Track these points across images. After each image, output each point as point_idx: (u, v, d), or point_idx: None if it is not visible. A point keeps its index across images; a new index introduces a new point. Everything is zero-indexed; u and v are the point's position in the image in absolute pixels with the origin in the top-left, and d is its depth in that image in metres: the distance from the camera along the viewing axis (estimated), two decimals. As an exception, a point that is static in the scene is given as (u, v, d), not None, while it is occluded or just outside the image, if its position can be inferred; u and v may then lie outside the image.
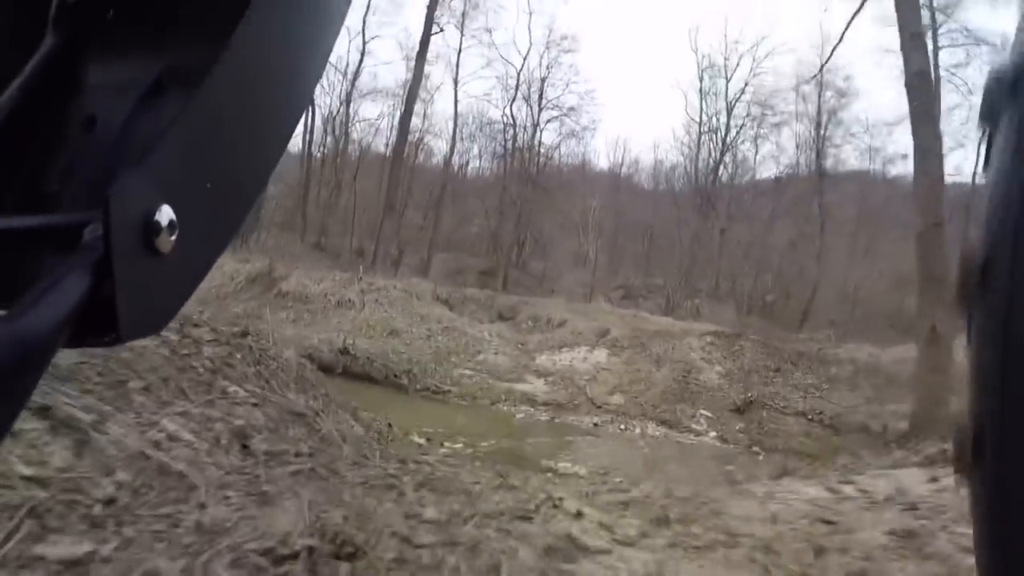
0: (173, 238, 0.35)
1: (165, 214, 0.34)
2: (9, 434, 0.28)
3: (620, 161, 32.43)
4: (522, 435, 9.88)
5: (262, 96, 0.43)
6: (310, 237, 26.15)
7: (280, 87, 0.44)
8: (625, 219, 23.72)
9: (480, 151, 30.65)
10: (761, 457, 9.92)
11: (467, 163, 29.28)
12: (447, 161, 25.41)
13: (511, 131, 25.68)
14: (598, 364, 15.49)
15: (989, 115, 0.38)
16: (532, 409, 12.52)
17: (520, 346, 16.53)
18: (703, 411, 13.37)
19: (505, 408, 12.51)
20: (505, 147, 25.45)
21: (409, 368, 13.07)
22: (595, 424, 12.11)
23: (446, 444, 8.00)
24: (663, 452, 10.05)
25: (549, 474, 4.69)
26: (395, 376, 12.77)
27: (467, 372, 14.45)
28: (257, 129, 0.43)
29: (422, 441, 7.20)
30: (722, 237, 20.27)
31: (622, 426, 12.24)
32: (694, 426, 12.34)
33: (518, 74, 27.01)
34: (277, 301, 15.48)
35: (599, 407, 13.34)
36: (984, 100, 0.39)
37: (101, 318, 0.32)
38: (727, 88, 26.49)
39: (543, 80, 26.56)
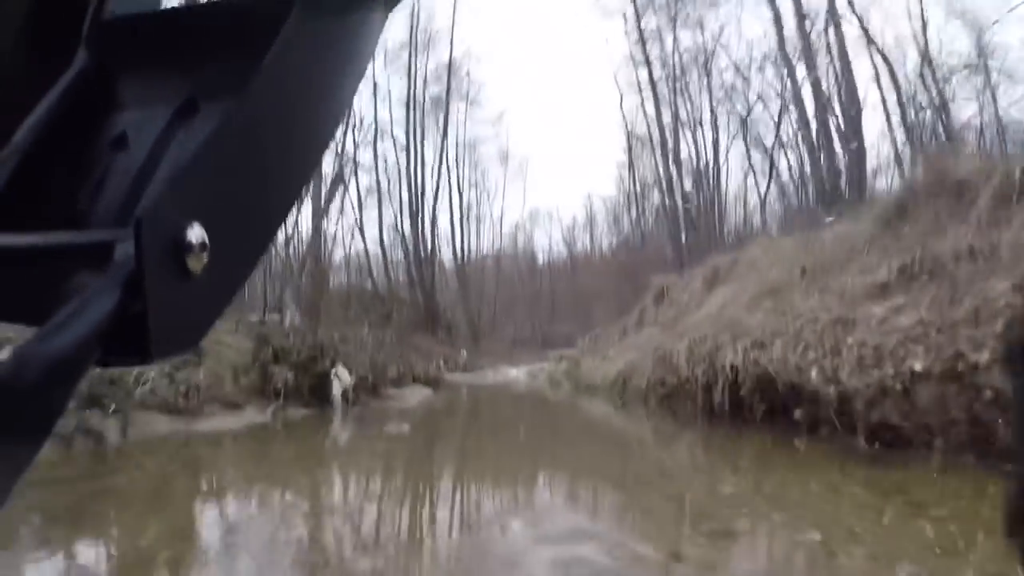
0: (205, 257, 0.34)
1: (196, 233, 0.34)
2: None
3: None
4: None
5: (295, 114, 0.43)
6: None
7: (313, 105, 0.44)
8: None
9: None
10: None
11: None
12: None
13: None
14: None
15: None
16: None
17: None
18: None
19: None
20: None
21: None
22: None
23: None
24: None
25: None
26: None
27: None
28: (289, 148, 0.43)
29: None
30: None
31: None
32: None
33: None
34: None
35: None
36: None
37: (130, 338, 0.32)
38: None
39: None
